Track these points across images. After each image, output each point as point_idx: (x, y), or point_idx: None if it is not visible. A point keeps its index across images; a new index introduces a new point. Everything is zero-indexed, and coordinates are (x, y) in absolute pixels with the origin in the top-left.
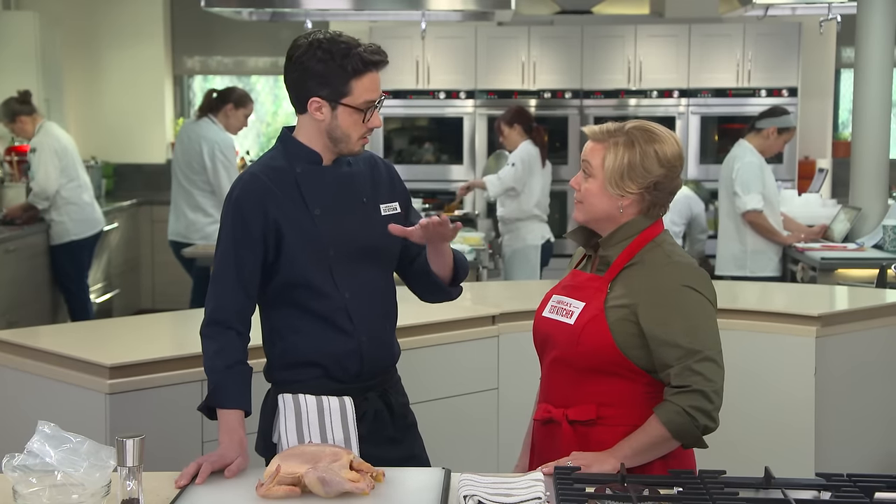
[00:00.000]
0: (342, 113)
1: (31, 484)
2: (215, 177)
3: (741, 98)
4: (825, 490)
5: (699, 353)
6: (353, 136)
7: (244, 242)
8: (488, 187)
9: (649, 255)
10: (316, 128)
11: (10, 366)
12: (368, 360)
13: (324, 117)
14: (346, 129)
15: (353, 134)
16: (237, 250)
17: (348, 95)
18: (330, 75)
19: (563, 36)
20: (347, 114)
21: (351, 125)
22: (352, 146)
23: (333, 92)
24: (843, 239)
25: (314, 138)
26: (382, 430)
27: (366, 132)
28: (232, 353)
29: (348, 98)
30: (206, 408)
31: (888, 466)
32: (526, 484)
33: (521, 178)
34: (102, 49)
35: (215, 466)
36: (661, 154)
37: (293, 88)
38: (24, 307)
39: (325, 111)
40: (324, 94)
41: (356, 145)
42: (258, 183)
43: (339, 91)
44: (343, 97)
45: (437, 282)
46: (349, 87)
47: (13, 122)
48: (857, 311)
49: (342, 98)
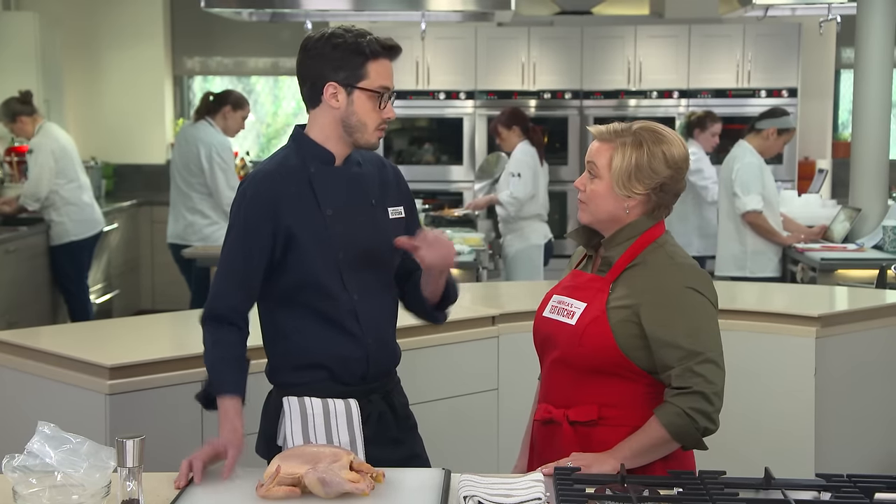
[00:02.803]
0: (358, 98)
1: (32, 484)
2: (212, 179)
3: (741, 99)
4: (825, 490)
5: (700, 355)
6: (369, 125)
7: (252, 240)
8: (507, 208)
9: (651, 256)
10: (331, 119)
11: (9, 366)
12: (374, 362)
13: (339, 104)
14: (362, 115)
15: (369, 122)
16: (245, 247)
17: (365, 79)
18: (346, 58)
19: (563, 36)
20: (364, 99)
21: (367, 112)
22: (368, 136)
23: (350, 75)
24: (842, 239)
25: (328, 133)
26: (386, 432)
27: (381, 123)
28: (229, 345)
29: (365, 81)
30: (203, 397)
31: (888, 467)
32: (526, 484)
33: (531, 183)
34: (102, 49)
35: (207, 459)
36: (669, 155)
37: (308, 78)
38: (23, 308)
39: (341, 97)
40: (340, 77)
41: (373, 136)
42: (271, 182)
43: (355, 74)
44: (359, 80)
45: (424, 301)
46: (366, 69)
47: (14, 122)
48: (856, 312)
49: (359, 81)
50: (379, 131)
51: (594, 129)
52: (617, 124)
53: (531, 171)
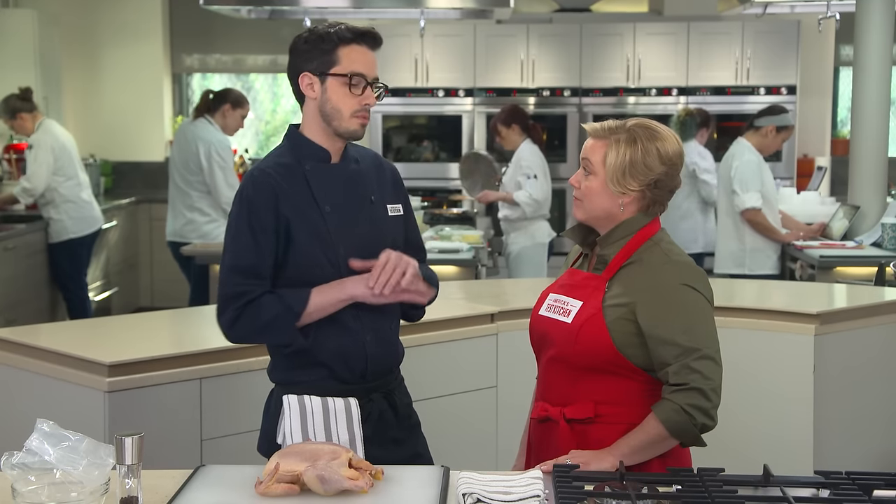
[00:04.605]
0: (331, 85)
1: (30, 482)
2: (211, 177)
3: (740, 96)
4: (824, 488)
5: (697, 351)
6: (343, 111)
7: (259, 235)
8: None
9: (647, 253)
10: (312, 110)
11: (8, 364)
12: (373, 359)
13: (315, 94)
14: (335, 102)
15: (343, 108)
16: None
17: (335, 65)
18: (316, 47)
19: (562, 34)
20: (336, 85)
21: (340, 98)
22: (345, 123)
23: (321, 63)
24: (841, 237)
25: (315, 127)
26: (387, 431)
27: (359, 109)
28: (264, 294)
29: (336, 67)
30: (299, 336)
31: (887, 464)
32: (525, 482)
33: (546, 184)
34: (101, 47)
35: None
36: (663, 152)
37: (292, 75)
38: (22, 305)
39: (316, 87)
40: (311, 67)
41: (350, 122)
42: (268, 179)
43: (325, 61)
44: (330, 67)
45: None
46: (335, 55)
47: (13, 118)
48: (855, 309)
49: (329, 68)
50: (357, 118)
51: (589, 126)
52: (611, 121)
53: (543, 172)
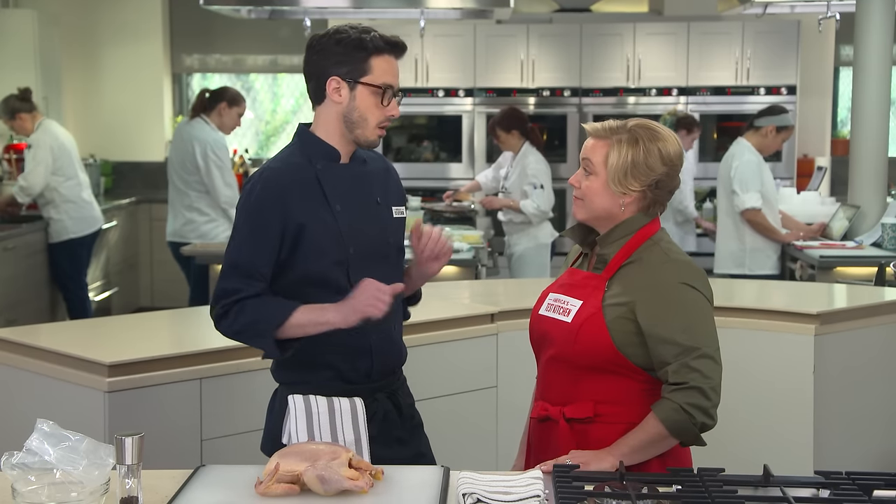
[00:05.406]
0: (361, 93)
1: (30, 482)
2: (209, 177)
3: (740, 96)
4: (824, 488)
5: (697, 350)
6: (370, 121)
7: (261, 238)
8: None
9: (647, 252)
10: (334, 114)
11: (8, 364)
12: (378, 359)
13: (342, 99)
14: (363, 111)
15: (370, 118)
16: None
17: (368, 74)
18: (349, 53)
19: (562, 34)
20: (366, 94)
21: (369, 107)
22: (368, 133)
23: (353, 70)
24: (841, 237)
25: (332, 130)
26: (391, 431)
27: (383, 120)
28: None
29: (368, 77)
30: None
31: (887, 464)
32: (525, 482)
33: (552, 192)
34: (101, 47)
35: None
36: (664, 152)
37: (313, 74)
38: (22, 305)
39: (343, 92)
40: (343, 72)
41: (373, 133)
42: (279, 179)
43: (358, 68)
44: (362, 75)
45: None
46: (369, 64)
47: (13, 119)
48: (855, 309)
49: (361, 76)
50: (380, 129)
51: (589, 126)
52: (612, 121)
53: (549, 180)
